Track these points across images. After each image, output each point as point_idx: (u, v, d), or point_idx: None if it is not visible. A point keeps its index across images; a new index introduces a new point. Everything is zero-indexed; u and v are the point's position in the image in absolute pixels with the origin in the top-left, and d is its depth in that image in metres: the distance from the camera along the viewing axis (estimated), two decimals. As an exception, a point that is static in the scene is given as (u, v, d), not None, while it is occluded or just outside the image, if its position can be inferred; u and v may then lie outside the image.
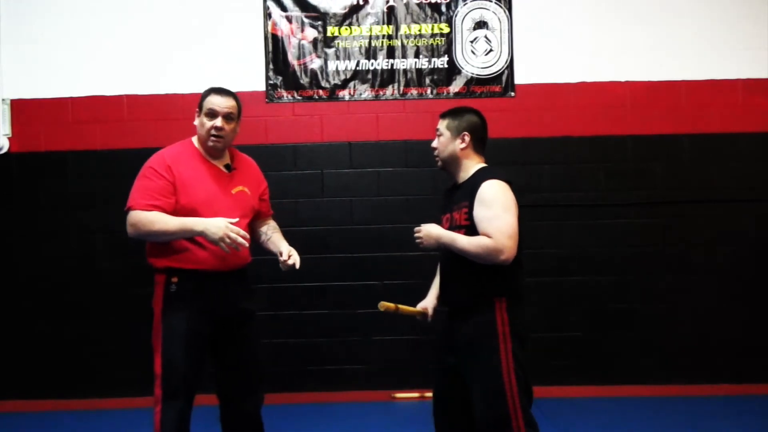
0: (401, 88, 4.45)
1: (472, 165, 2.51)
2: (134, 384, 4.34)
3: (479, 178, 2.43)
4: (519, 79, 4.44)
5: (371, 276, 4.40)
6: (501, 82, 4.44)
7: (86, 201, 4.38)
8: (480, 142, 2.54)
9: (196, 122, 2.66)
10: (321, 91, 4.45)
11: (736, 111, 4.41)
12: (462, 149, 2.51)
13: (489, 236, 2.31)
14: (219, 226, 2.44)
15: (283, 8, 4.43)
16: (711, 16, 4.43)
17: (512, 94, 4.45)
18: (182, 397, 2.57)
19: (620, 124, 4.42)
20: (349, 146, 4.46)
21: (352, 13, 4.44)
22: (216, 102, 2.60)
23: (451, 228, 2.46)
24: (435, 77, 4.45)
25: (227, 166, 2.69)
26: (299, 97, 4.44)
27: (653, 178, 4.42)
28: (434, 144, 2.58)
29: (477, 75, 4.45)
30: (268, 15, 4.43)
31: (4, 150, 4.37)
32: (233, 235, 2.43)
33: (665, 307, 4.40)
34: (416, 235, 2.49)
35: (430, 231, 2.45)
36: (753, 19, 4.43)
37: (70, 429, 4.04)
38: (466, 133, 2.50)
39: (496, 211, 2.33)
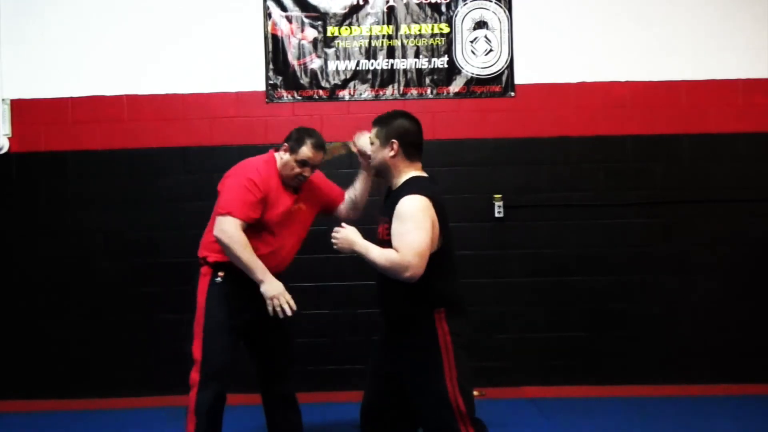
0: (401, 88, 4.45)
1: (404, 173, 2.44)
2: (133, 384, 4.35)
3: (402, 192, 2.36)
4: (519, 79, 4.44)
5: (371, 276, 4.34)
6: (501, 82, 4.44)
7: (86, 201, 4.38)
8: (411, 148, 2.45)
9: (284, 157, 2.95)
10: (321, 91, 4.45)
11: (736, 111, 4.41)
12: (391, 157, 2.43)
13: (397, 251, 2.28)
14: (277, 289, 2.79)
15: (283, 8, 4.43)
16: (711, 16, 4.43)
17: (512, 94, 4.44)
18: (219, 381, 2.86)
19: (620, 124, 4.42)
20: (349, 146, 4.45)
21: (352, 13, 4.44)
22: (311, 157, 2.94)
23: (374, 241, 2.41)
24: (435, 77, 4.45)
25: (295, 189, 3.01)
26: (299, 97, 4.44)
27: (653, 178, 4.42)
28: (368, 151, 2.56)
29: (477, 75, 4.45)
30: (268, 15, 4.43)
31: (4, 150, 4.37)
32: (282, 300, 2.77)
33: (665, 307, 4.40)
34: (333, 235, 2.41)
35: (348, 236, 2.39)
36: (753, 19, 4.42)
37: (70, 429, 4.03)
38: (394, 141, 2.42)
39: (408, 226, 2.27)
